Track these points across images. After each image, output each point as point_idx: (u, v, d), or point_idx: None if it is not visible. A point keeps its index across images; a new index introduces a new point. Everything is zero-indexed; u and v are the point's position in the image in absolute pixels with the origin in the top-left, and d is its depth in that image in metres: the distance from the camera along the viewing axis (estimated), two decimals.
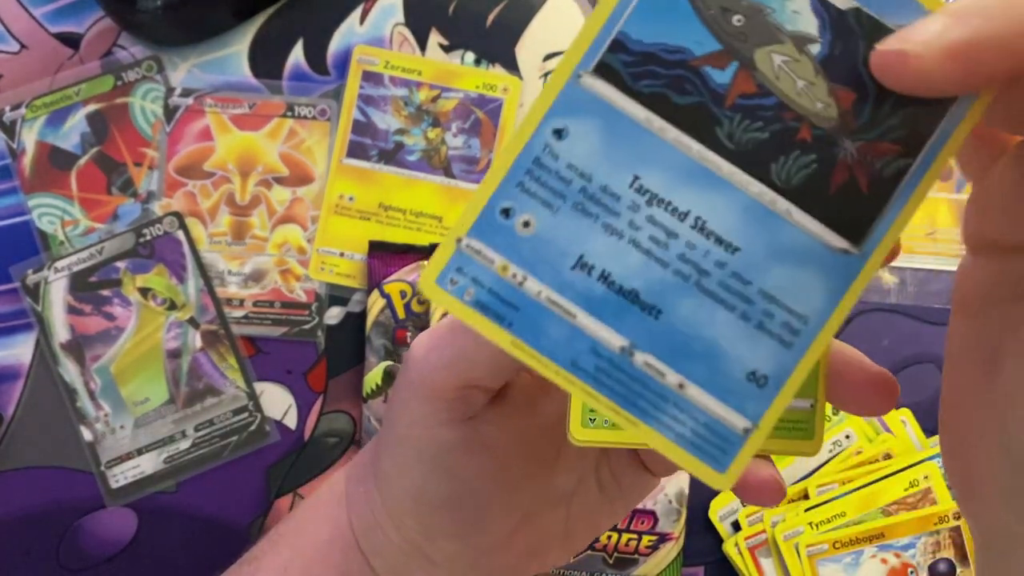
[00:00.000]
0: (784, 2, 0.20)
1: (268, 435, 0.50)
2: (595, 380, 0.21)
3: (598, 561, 0.49)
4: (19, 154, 0.50)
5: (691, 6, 0.20)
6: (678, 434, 0.21)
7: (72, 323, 0.50)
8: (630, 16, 0.20)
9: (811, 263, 0.21)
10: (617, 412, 0.21)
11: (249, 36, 0.51)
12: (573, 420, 0.27)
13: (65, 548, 0.50)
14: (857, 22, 0.20)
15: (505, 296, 0.21)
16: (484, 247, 0.21)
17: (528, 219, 0.21)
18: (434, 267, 0.21)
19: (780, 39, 0.20)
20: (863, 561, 0.48)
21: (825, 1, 0.20)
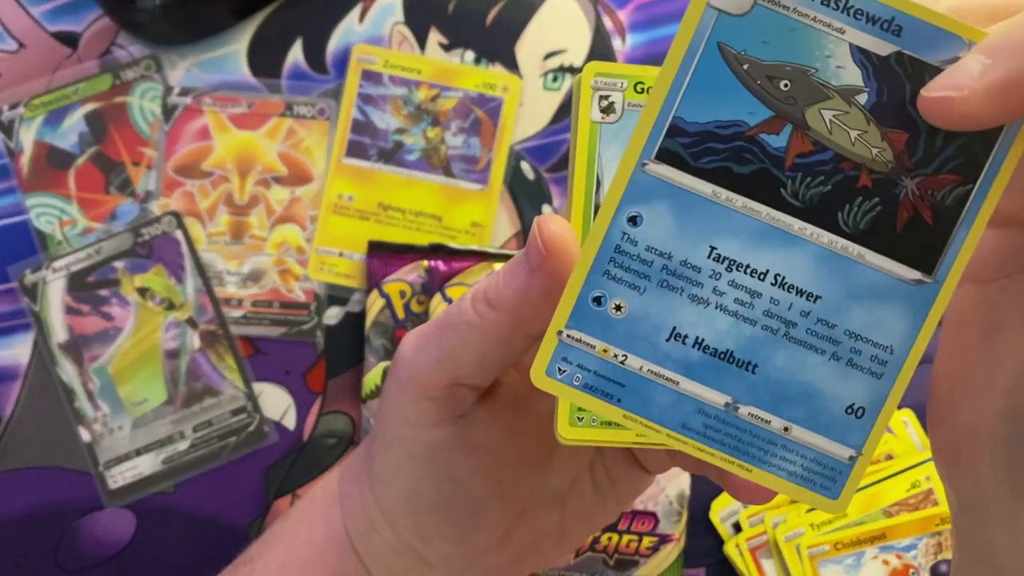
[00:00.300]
0: (827, 60, 0.21)
1: (267, 436, 0.50)
2: (705, 437, 0.23)
3: (598, 562, 0.49)
4: (17, 153, 0.50)
5: (739, 80, 0.21)
6: (791, 472, 0.23)
7: (70, 323, 0.50)
8: (682, 100, 0.22)
9: (889, 298, 0.22)
10: (731, 462, 0.23)
11: (248, 35, 0.51)
12: (561, 419, 0.27)
13: (63, 549, 0.50)
14: (899, 65, 0.21)
15: (610, 375, 0.23)
16: (583, 335, 0.23)
17: (619, 303, 0.22)
18: (542, 359, 0.23)
19: (828, 95, 0.21)
20: (865, 562, 0.48)
21: (866, 51, 0.21)
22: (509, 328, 0.28)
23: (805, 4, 0.21)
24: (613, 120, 0.26)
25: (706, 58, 0.21)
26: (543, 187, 0.52)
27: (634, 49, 0.52)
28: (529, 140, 0.52)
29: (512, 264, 0.29)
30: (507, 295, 0.28)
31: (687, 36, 0.21)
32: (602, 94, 0.26)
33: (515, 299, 0.27)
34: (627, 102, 0.26)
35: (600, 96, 0.26)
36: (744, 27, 0.21)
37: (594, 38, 0.52)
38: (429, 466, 0.32)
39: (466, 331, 0.29)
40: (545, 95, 0.52)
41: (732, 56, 0.21)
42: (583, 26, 0.52)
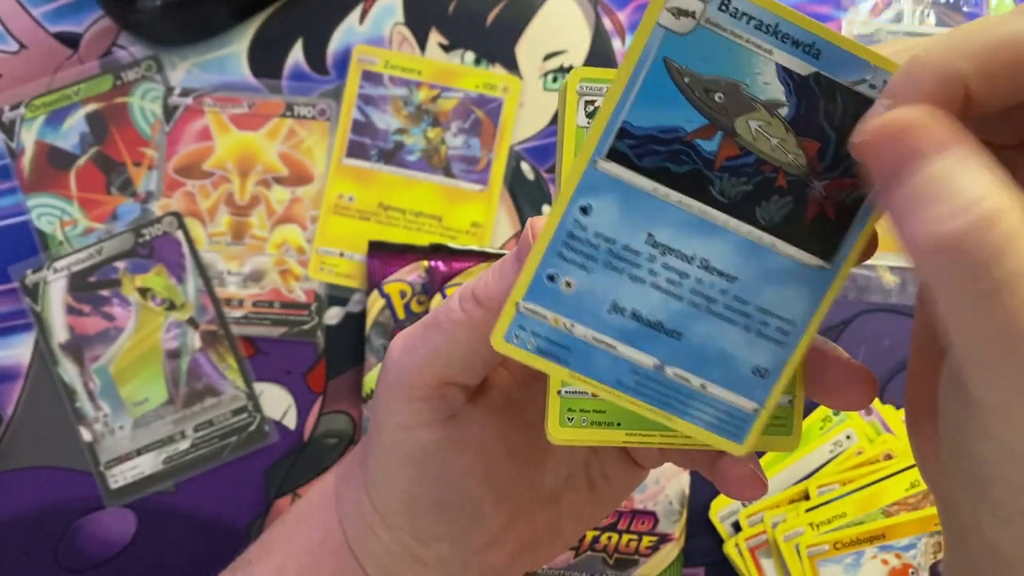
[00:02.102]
0: (756, 76, 0.24)
1: (267, 436, 0.50)
2: (637, 392, 0.27)
3: (598, 562, 0.49)
4: (18, 154, 0.50)
5: (680, 91, 0.25)
6: (706, 422, 0.27)
7: (71, 323, 0.50)
8: (631, 107, 0.25)
9: (794, 280, 0.26)
10: (655, 412, 0.27)
11: (248, 36, 0.51)
12: (551, 420, 0.29)
13: (64, 548, 0.50)
14: (816, 84, 0.25)
15: (560, 341, 0.26)
16: (538, 307, 0.26)
17: (569, 280, 0.26)
18: (501, 327, 0.26)
19: (754, 107, 0.25)
20: (864, 562, 0.48)
21: (789, 70, 0.24)
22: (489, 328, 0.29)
23: (740, 27, 0.24)
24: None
25: (653, 71, 0.25)
26: (543, 187, 0.52)
27: None
28: (529, 141, 0.52)
29: (502, 263, 0.29)
30: (497, 292, 0.29)
31: (637, 50, 0.24)
32: (587, 99, 0.28)
33: (505, 296, 0.28)
34: None
35: (586, 101, 0.28)
36: (687, 45, 0.24)
37: (594, 39, 0.52)
38: (423, 467, 0.32)
39: (453, 329, 0.30)
40: (545, 96, 0.52)
41: (675, 70, 0.25)
42: (583, 27, 0.52)
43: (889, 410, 0.50)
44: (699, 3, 0.24)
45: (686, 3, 0.24)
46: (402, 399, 0.31)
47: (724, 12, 0.24)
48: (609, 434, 0.29)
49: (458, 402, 0.31)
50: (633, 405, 0.27)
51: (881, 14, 0.53)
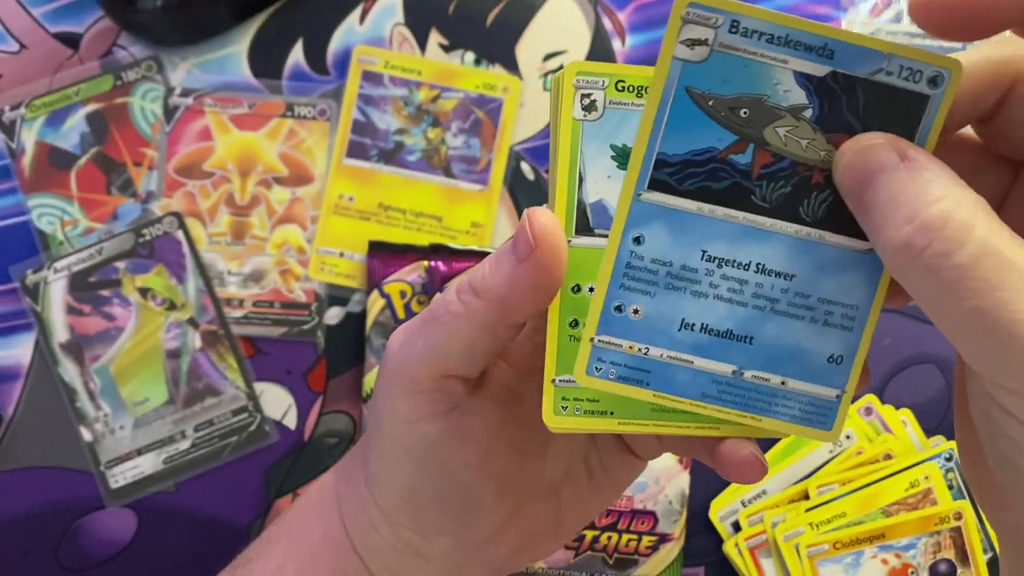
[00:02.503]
0: (776, 86, 0.26)
1: (268, 435, 0.50)
2: (721, 400, 0.28)
3: (598, 562, 0.49)
4: (18, 154, 0.50)
5: (706, 115, 0.26)
6: (792, 416, 0.28)
7: (71, 323, 0.50)
8: (664, 138, 0.26)
9: (849, 267, 0.27)
10: (743, 416, 0.28)
11: (249, 36, 0.51)
12: (546, 408, 0.29)
13: (64, 548, 0.50)
14: (835, 81, 0.26)
15: (638, 366, 0.27)
16: (612, 338, 0.27)
17: (636, 308, 0.27)
18: (581, 363, 0.27)
19: (780, 115, 0.26)
20: (863, 561, 0.48)
21: (806, 74, 0.25)
22: (494, 317, 0.29)
23: (753, 44, 0.25)
24: (595, 118, 0.28)
25: (678, 101, 0.26)
26: (543, 187, 0.52)
27: (634, 50, 0.52)
28: (529, 141, 0.52)
29: (499, 254, 0.29)
30: (494, 284, 0.29)
31: (660, 85, 0.25)
32: (584, 92, 0.29)
33: (502, 288, 0.28)
34: (608, 100, 0.28)
35: (582, 95, 0.29)
36: (705, 71, 0.25)
37: (594, 39, 0.52)
38: (424, 462, 0.32)
39: (451, 322, 0.30)
40: (545, 96, 0.52)
41: (699, 96, 0.26)
42: (583, 27, 0.52)
43: (889, 410, 0.50)
44: (710, 30, 0.25)
45: (698, 33, 0.25)
46: (402, 393, 0.31)
47: (735, 34, 0.25)
48: (602, 422, 0.29)
49: (458, 395, 0.31)
50: (719, 413, 0.28)
51: (881, 14, 0.53)
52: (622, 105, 0.29)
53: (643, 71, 0.28)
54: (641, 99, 0.28)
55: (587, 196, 0.29)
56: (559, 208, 0.29)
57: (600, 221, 0.29)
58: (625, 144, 0.28)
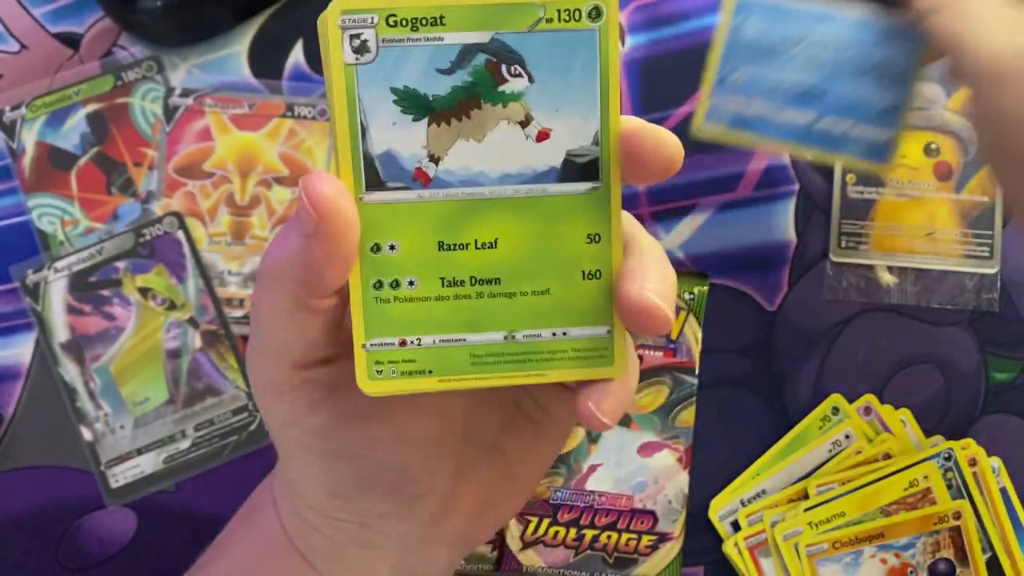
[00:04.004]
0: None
1: (268, 435, 0.50)
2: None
3: (598, 561, 0.49)
4: (19, 154, 0.50)
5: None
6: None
7: (72, 323, 0.50)
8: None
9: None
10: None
11: (249, 36, 0.51)
12: (359, 374, 0.28)
13: (64, 548, 0.50)
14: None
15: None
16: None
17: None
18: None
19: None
20: (863, 561, 0.48)
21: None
22: (303, 296, 0.27)
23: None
24: (368, 60, 0.26)
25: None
26: None
27: (634, 50, 0.52)
28: None
29: (285, 230, 0.28)
30: (287, 265, 0.27)
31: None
32: (352, 33, 0.26)
33: (296, 268, 0.27)
34: (381, 38, 0.26)
35: (350, 36, 0.26)
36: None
37: None
38: (329, 454, 0.31)
39: (268, 317, 0.28)
40: None
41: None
42: None
43: (888, 410, 0.50)
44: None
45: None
46: (269, 399, 0.30)
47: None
48: (423, 382, 0.28)
49: (328, 377, 0.30)
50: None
51: None
52: (397, 42, 0.26)
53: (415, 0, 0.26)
54: (417, 32, 0.26)
55: (373, 147, 0.27)
56: (344, 164, 0.27)
57: (391, 172, 0.27)
58: (407, 85, 0.26)
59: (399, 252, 0.27)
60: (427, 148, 0.27)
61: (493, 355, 0.28)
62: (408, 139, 0.27)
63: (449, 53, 0.26)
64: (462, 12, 0.26)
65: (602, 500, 0.49)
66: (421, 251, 0.27)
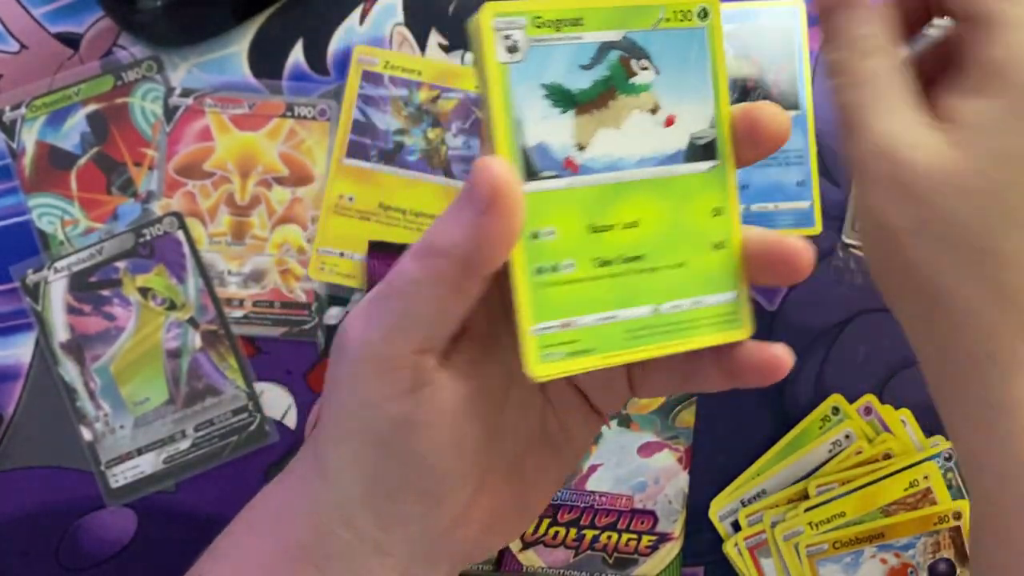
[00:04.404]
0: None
1: (268, 435, 0.50)
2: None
3: (598, 561, 0.49)
4: (19, 154, 0.50)
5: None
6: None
7: (72, 323, 0.50)
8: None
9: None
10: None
11: (249, 36, 0.51)
12: (529, 359, 0.29)
13: (65, 548, 0.50)
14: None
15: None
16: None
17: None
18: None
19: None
20: (863, 561, 0.48)
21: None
22: (461, 274, 0.28)
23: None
24: (519, 59, 0.28)
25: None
26: None
27: None
28: None
29: (453, 211, 0.29)
30: (459, 239, 0.28)
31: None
32: (504, 34, 0.28)
33: (468, 242, 0.28)
34: (529, 39, 0.29)
35: (503, 36, 0.28)
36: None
37: None
38: (389, 446, 0.31)
39: (415, 290, 0.29)
40: None
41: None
42: None
43: (888, 410, 0.50)
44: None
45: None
46: (368, 374, 0.30)
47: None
48: (587, 360, 0.30)
49: (429, 370, 0.30)
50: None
51: None
52: (543, 41, 0.29)
53: (558, 3, 0.29)
54: (560, 32, 0.29)
55: (527, 140, 0.29)
56: (501, 155, 0.29)
57: (545, 162, 0.29)
58: (554, 81, 0.29)
59: (556, 237, 0.29)
60: (574, 138, 0.29)
61: (644, 328, 0.30)
62: (557, 131, 0.28)
63: (589, 50, 0.29)
64: (597, 13, 0.29)
65: (602, 500, 0.49)
66: (575, 235, 0.29)
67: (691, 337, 0.31)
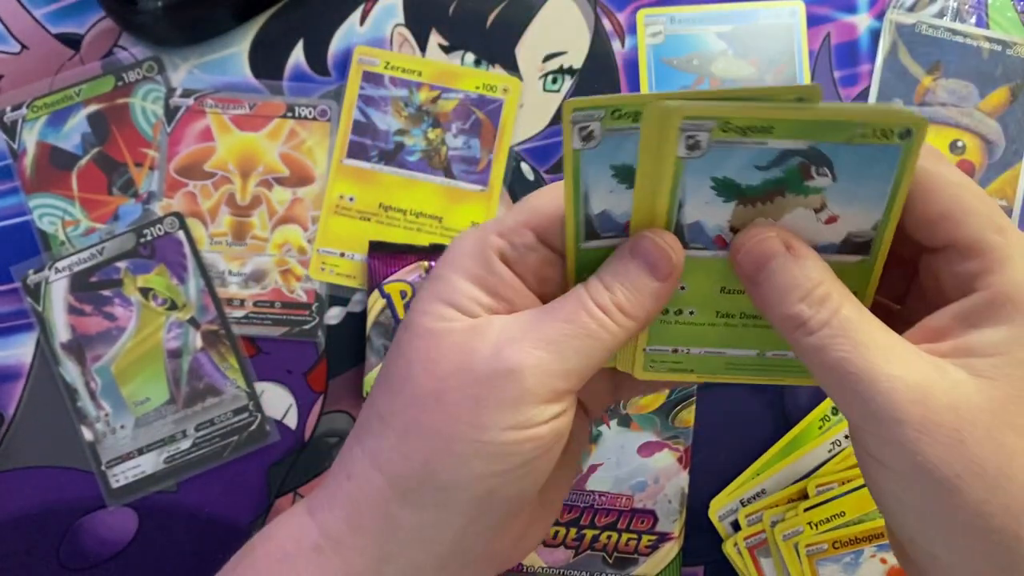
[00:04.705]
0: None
1: (268, 435, 0.51)
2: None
3: (598, 561, 0.49)
4: (20, 154, 0.51)
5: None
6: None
7: (73, 323, 0.50)
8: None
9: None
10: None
11: (249, 37, 0.52)
12: (637, 366, 0.34)
13: (66, 547, 0.50)
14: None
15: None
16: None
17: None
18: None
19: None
20: (863, 561, 0.48)
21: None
22: (629, 337, 0.31)
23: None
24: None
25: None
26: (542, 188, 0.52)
27: (632, 51, 0.52)
28: (529, 141, 0.52)
29: (633, 277, 0.31)
30: (645, 306, 0.31)
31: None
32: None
33: (651, 308, 0.31)
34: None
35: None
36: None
37: (593, 40, 0.52)
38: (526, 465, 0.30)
39: (607, 340, 0.30)
40: (545, 97, 0.52)
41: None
42: (582, 28, 0.52)
43: None
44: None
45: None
46: (537, 402, 0.30)
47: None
48: (683, 376, 0.34)
49: (574, 403, 0.31)
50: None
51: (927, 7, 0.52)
52: (727, 144, 0.30)
53: (748, 110, 0.30)
54: (747, 137, 0.30)
55: (685, 218, 0.31)
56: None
57: (696, 237, 0.32)
58: (727, 176, 0.30)
59: (687, 292, 0.32)
60: (730, 222, 0.31)
61: (745, 364, 0.33)
62: (716, 214, 0.31)
63: (769, 155, 0.30)
64: (789, 125, 0.29)
65: (602, 500, 0.49)
66: (705, 292, 0.32)
67: (784, 376, 0.33)
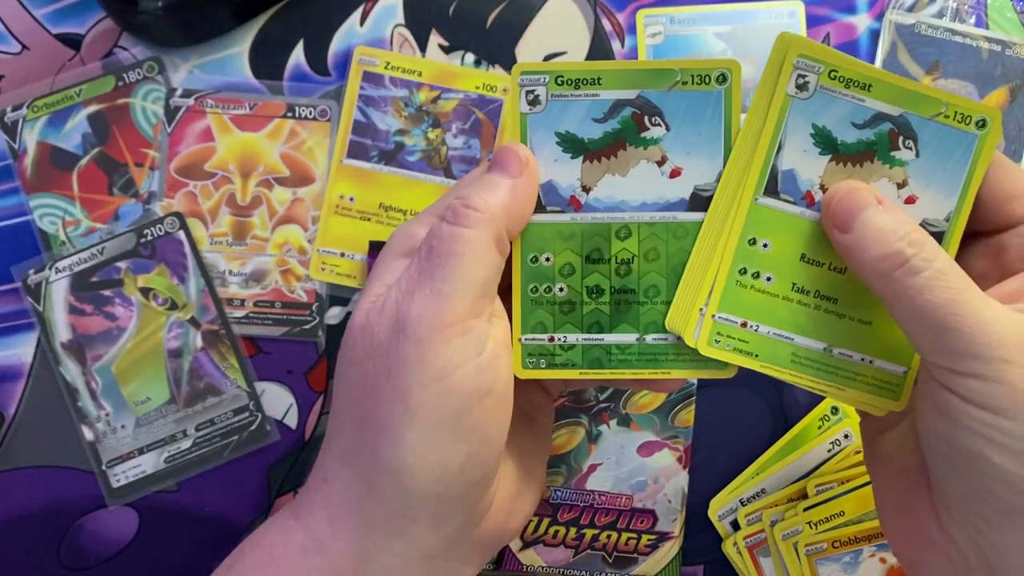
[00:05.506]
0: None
1: (269, 435, 0.51)
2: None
3: (597, 560, 0.50)
4: (20, 154, 0.51)
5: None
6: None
7: (73, 323, 0.50)
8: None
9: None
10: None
11: (250, 37, 0.52)
12: (702, 339, 0.33)
13: (66, 547, 0.50)
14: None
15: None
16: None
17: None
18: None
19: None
20: (862, 560, 0.48)
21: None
22: (500, 231, 0.31)
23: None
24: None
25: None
26: None
27: (632, 51, 0.52)
28: None
29: (483, 180, 0.32)
30: (497, 198, 0.31)
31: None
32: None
33: (506, 198, 0.31)
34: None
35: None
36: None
37: (593, 40, 0.52)
38: (457, 424, 0.30)
39: (466, 249, 0.30)
40: None
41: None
42: (582, 28, 0.52)
43: None
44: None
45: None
46: (437, 345, 0.30)
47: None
48: (746, 361, 0.34)
49: (484, 335, 0.31)
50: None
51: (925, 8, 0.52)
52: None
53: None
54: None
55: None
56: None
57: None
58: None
59: (770, 251, 0.33)
60: (821, 178, 0.32)
61: (810, 359, 0.33)
62: (810, 167, 0.32)
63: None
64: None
65: (602, 499, 0.49)
66: (787, 257, 0.33)
67: (846, 387, 0.33)
